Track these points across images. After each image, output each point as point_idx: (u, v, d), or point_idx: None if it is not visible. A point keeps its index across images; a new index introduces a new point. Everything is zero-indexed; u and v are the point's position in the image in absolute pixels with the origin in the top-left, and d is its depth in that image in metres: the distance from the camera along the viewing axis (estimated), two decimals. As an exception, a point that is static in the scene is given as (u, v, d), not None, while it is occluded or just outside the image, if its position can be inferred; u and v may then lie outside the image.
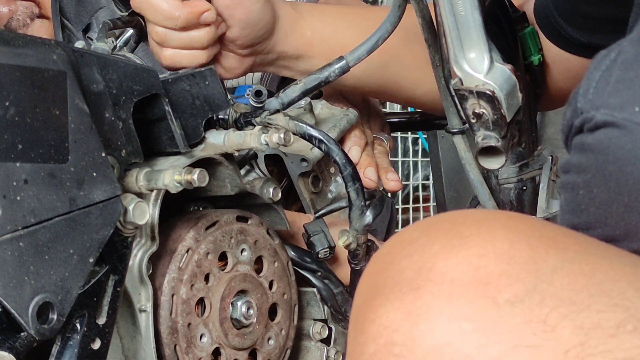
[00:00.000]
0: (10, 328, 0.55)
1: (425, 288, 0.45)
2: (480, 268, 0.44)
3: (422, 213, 2.79)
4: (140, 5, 0.82)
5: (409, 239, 0.49)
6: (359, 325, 0.47)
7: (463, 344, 0.42)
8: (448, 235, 0.47)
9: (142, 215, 0.63)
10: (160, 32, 0.82)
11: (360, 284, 0.51)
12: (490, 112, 0.77)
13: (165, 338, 0.70)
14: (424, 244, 0.48)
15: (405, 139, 2.83)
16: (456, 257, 0.46)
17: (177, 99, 0.73)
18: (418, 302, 0.44)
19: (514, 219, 0.48)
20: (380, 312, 0.46)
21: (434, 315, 0.44)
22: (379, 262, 0.50)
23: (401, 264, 0.48)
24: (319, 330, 0.87)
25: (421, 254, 0.47)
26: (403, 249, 0.49)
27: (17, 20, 1.07)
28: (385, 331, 0.45)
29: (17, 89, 0.54)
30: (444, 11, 0.77)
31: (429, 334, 0.43)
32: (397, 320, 0.45)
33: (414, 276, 0.46)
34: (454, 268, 0.45)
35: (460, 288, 0.44)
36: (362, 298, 0.49)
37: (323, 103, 0.99)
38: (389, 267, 0.48)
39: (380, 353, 0.45)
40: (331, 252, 0.84)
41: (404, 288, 0.46)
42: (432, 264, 0.46)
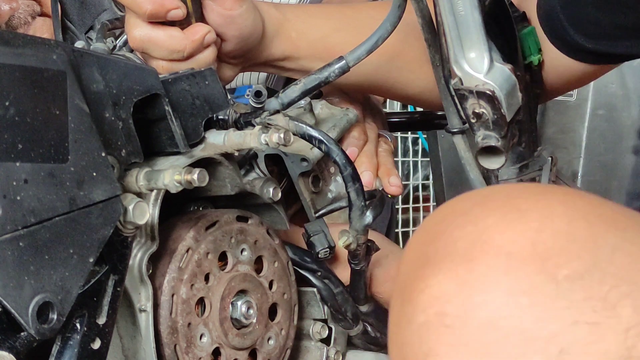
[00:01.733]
0: (10, 328, 0.55)
1: (481, 260, 0.44)
2: (539, 243, 0.43)
3: (422, 213, 2.79)
4: (142, 45, 0.81)
5: (461, 210, 0.48)
6: (406, 295, 0.46)
7: (520, 318, 0.41)
8: (504, 208, 0.46)
9: (142, 215, 0.63)
10: (166, 65, 0.81)
11: (407, 253, 0.50)
12: (490, 112, 0.77)
13: (165, 338, 0.70)
14: (478, 215, 0.46)
15: (405, 139, 2.83)
16: (513, 230, 0.44)
17: (177, 99, 0.73)
18: (473, 274, 0.43)
19: (571, 195, 0.47)
20: (432, 282, 0.45)
21: (490, 288, 0.43)
22: (429, 232, 0.49)
23: (454, 235, 0.46)
24: (319, 330, 0.87)
25: (475, 226, 0.46)
26: (455, 219, 0.47)
27: (18, 19, 1.07)
28: (436, 301, 0.44)
29: (17, 88, 0.54)
30: (444, 11, 0.77)
31: (484, 306, 0.42)
32: (449, 291, 0.44)
33: (468, 247, 0.45)
34: (511, 242, 0.44)
35: (518, 262, 0.43)
36: (410, 267, 0.48)
37: (323, 103, 0.99)
38: (440, 237, 0.47)
39: (430, 324, 0.44)
40: (331, 252, 0.84)
41: (457, 259, 0.45)
42: (487, 237, 0.45)
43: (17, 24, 1.05)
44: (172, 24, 0.81)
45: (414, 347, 0.44)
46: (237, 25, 0.84)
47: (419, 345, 0.44)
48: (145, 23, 0.80)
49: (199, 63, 0.82)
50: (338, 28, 0.93)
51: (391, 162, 1.01)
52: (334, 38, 0.92)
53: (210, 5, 0.82)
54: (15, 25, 1.04)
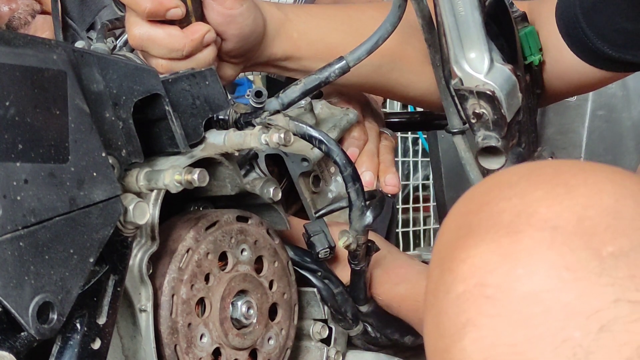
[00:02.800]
0: (10, 328, 0.55)
1: (526, 232, 0.43)
2: (585, 219, 0.43)
3: (422, 213, 2.79)
4: (141, 43, 0.81)
5: (507, 182, 0.47)
6: (446, 264, 0.46)
7: (563, 292, 0.41)
8: (552, 183, 0.46)
9: (142, 215, 0.63)
10: (166, 64, 0.82)
11: (448, 222, 0.49)
12: (491, 112, 0.77)
13: (166, 338, 0.70)
14: (525, 188, 0.46)
15: (405, 139, 2.83)
16: (560, 205, 0.44)
17: (178, 99, 0.73)
18: (517, 246, 0.43)
19: (619, 174, 0.46)
20: (473, 252, 0.44)
21: (533, 261, 0.42)
22: (473, 202, 0.48)
23: (499, 206, 0.46)
24: (319, 330, 0.87)
25: (522, 198, 0.45)
26: (501, 191, 0.47)
27: (18, 19, 1.06)
28: (477, 272, 0.44)
29: (17, 89, 0.54)
30: (444, 11, 0.77)
31: (526, 278, 0.42)
32: (492, 261, 0.43)
33: (513, 219, 0.44)
34: (558, 216, 0.43)
35: (563, 236, 0.42)
36: (451, 236, 0.47)
37: (323, 103, 0.99)
38: (484, 208, 0.46)
39: (470, 294, 0.43)
40: (331, 252, 0.84)
41: (502, 230, 0.44)
42: (533, 210, 0.44)
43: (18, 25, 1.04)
44: (172, 23, 0.81)
45: (451, 316, 0.44)
46: (238, 24, 0.84)
47: (456, 315, 0.44)
48: (145, 22, 0.80)
49: (198, 62, 0.82)
50: (339, 28, 0.93)
51: (390, 159, 1.01)
52: (336, 38, 0.92)
53: (210, 4, 0.82)
54: (16, 26, 1.04)
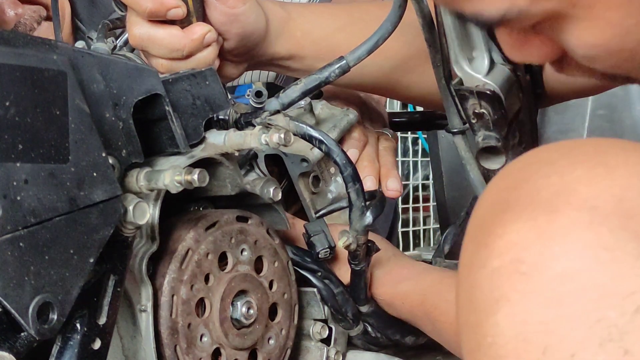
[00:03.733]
0: (10, 328, 0.55)
1: (564, 211, 0.43)
2: (625, 200, 0.42)
3: (422, 213, 2.79)
4: (141, 43, 0.81)
5: (547, 159, 0.47)
6: (481, 239, 0.45)
7: (598, 272, 0.41)
8: (592, 162, 0.45)
9: (143, 215, 0.63)
10: (166, 64, 0.82)
11: (485, 196, 0.49)
12: (491, 112, 0.77)
13: (166, 338, 0.70)
14: (565, 166, 0.45)
15: (405, 139, 2.83)
16: (600, 185, 0.43)
17: (178, 99, 0.73)
18: (554, 224, 0.43)
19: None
20: (510, 228, 0.44)
21: (570, 240, 0.42)
22: (510, 178, 0.48)
23: (537, 183, 0.45)
24: (319, 330, 0.87)
25: (561, 176, 0.45)
26: (540, 169, 0.46)
27: (24, 25, 1.06)
28: (513, 248, 0.43)
29: (17, 89, 0.54)
30: (444, 11, 0.77)
31: (562, 257, 0.42)
32: (528, 238, 0.43)
33: (551, 197, 0.44)
34: (597, 196, 0.43)
35: (602, 217, 0.42)
36: (488, 212, 0.47)
37: (323, 103, 0.99)
38: (523, 185, 0.46)
39: (504, 269, 0.43)
40: (331, 252, 0.84)
41: (539, 208, 0.44)
42: (572, 189, 0.44)
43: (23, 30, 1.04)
44: (173, 23, 0.81)
45: (484, 290, 0.44)
46: (240, 23, 0.84)
47: (490, 290, 0.44)
48: (146, 21, 0.80)
49: (199, 62, 0.82)
50: (343, 28, 0.93)
51: (392, 161, 1.01)
52: (339, 38, 0.92)
53: (212, 3, 0.82)
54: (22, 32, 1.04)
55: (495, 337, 0.43)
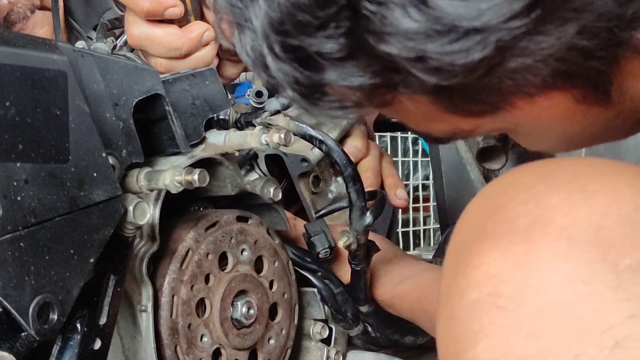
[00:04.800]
0: (10, 328, 0.55)
1: (541, 242, 0.42)
2: (603, 229, 0.42)
3: (422, 213, 2.79)
4: (140, 42, 0.81)
5: (524, 184, 0.46)
6: (460, 267, 0.45)
7: (577, 305, 0.40)
8: (569, 187, 0.44)
9: (143, 215, 0.63)
10: (165, 63, 0.82)
11: (463, 221, 0.48)
12: (491, 113, 0.77)
13: (166, 339, 0.70)
14: (542, 192, 0.44)
15: (405, 139, 2.83)
16: (577, 213, 0.42)
17: (178, 99, 0.73)
18: (532, 256, 0.42)
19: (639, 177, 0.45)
20: (488, 259, 0.43)
21: (548, 272, 0.41)
22: (489, 202, 0.47)
23: (514, 211, 0.44)
24: (319, 330, 0.87)
25: (538, 204, 0.44)
26: (517, 194, 0.45)
27: (17, 13, 1.05)
28: (491, 280, 0.43)
29: (18, 89, 0.54)
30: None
31: (541, 290, 0.41)
32: (506, 271, 0.42)
33: (528, 226, 0.43)
34: (574, 225, 0.42)
35: (579, 247, 0.41)
36: (466, 238, 0.46)
37: (323, 103, 0.98)
38: (500, 211, 0.45)
39: (482, 302, 0.43)
40: (331, 252, 0.84)
41: (516, 237, 0.43)
42: (549, 217, 0.43)
43: (16, 19, 1.03)
44: (171, 22, 0.81)
45: (463, 322, 0.43)
46: None
47: (469, 322, 0.43)
48: (144, 21, 0.80)
49: (197, 61, 0.82)
50: None
51: (396, 174, 1.02)
52: None
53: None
54: (14, 20, 1.03)
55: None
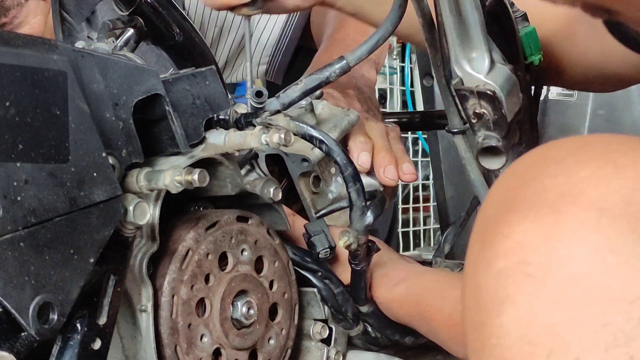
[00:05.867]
0: (10, 328, 0.55)
1: (571, 213, 0.43)
2: (633, 203, 0.42)
3: (422, 213, 2.79)
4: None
5: (554, 157, 0.46)
6: (487, 238, 0.45)
7: (606, 276, 0.41)
8: (600, 161, 0.44)
9: (143, 215, 0.63)
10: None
11: (492, 195, 0.48)
12: (491, 112, 0.77)
13: (166, 338, 0.70)
14: (572, 165, 0.45)
15: (405, 139, 2.83)
16: (608, 186, 0.43)
17: (178, 99, 0.73)
18: (561, 226, 0.42)
19: None
20: (517, 229, 0.44)
21: (577, 242, 0.42)
22: (518, 176, 0.47)
23: (544, 183, 0.45)
24: (319, 330, 0.87)
25: (568, 176, 0.44)
26: (547, 167, 0.46)
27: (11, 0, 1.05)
28: (519, 249, 0.43)
29: (18, 89, 0.54)
30: (445, 11, 0.77)
31: (569, 260, 0.41)
32: (534, 240, 0.43)
33: (558, 198, 0.44)
34: (604, 197, 0.42)
35: (609, 219, 0.42)
36: (494, 211, 0.46)
37: (324, 103, 0.99)
38: (530, 184, 0.46)
39: (510, 270, 0.43)
40: (331, 252, 0.84)
41: (546, 209, 0.43)
42: (579, 190, 0.43)
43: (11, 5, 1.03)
44: None
45: (490, 291, 0.44)
46: None
47: (495, 290, 0.43)
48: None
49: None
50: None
51: (402, 148, 1.00)
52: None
53: None
54: (8, 6, 1.02)
55: (500, 339, 0.43)
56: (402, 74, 3.00)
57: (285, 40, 1.37)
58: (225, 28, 1.35)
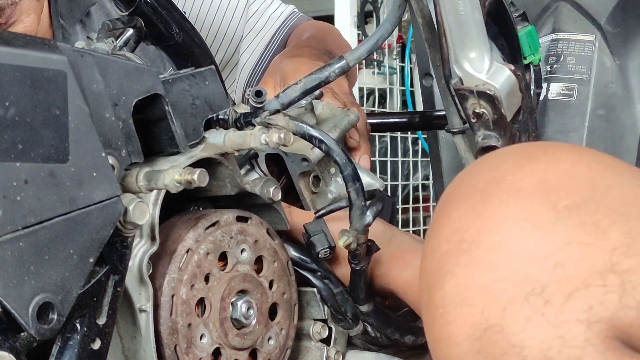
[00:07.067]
0: (10, 328, 0.55)
1: (495, 195, 0.51)
2: (545, 180, 0.51)
3: (422, 213, 2.79)
4: None
5: (483, 161, 0.57)
6: (434, 230, 0.54)
7: (523, 239, 0.49)
8: (518, 156, 0.54)
9: (142, 215, 0.63)
10: None
11: (439, 200, 0.57)
12: (491, 112, 0.77)
13: (166, 338, 0.70)
14: (496, 162, 0.55)
15: (405, 139, 2.83)
16: (524, 171, 0.52)
17: (177, 99, 0.73)
18: (487, 206, 0.51)
19: (578, 147, 0.56)
20: (454, 216, 0.52)
21: (499, 217, 0.50)
22: (455, 180, 0.57)
23: (475, 178, 0.54)
24: (319, 330, 0.87)
25: (493, 170, 0.54)
26: (477, 169, 0.56)
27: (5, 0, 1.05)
28: (456, 232, 0.51)
29: (17, 89, 0.54)
30: (444, 11, 0.77)
31: (494, 231, 0.50)
32: (468, 221, 0.51)
33: (485, 187, 0.52)
34: (521, 180, 0.51)
35: (525, 195, 0.50)
36: (438, 208, 0.55)
37: (324, 103, 0.99)
38: (464, 181, 0.55)
39: (451, 250, 0.51)
40: (331, 252, 0.84)
41: (477, 195, 0.52)
42: (502, 177, 0.52)
43: (4, 4, 1.03)
44: None
45: (435, 270, 0.52)
46: None
47: (439, 269, 0.51)
48: None
49: None
50: None
51: None
52: None
53: None
54: (3, 6, 1.02)
55: (444, 307, 0.50)
56: (402, 74, 3.01)
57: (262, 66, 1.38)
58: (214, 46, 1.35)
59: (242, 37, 1.39)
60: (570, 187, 0.50)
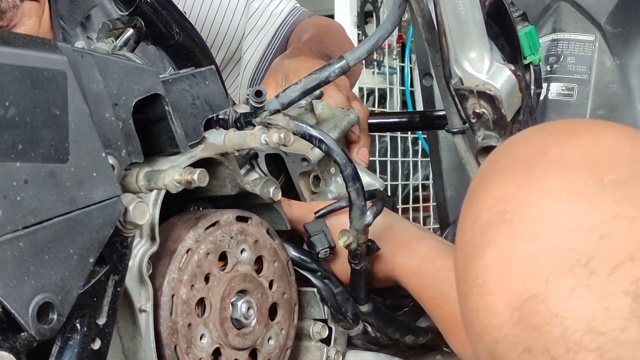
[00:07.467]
0: (10, 328, 0.55)
1: (539, 167, 0.51)
2: (589, 154, 0.51)
3: (422, 213, 2.79)
4: None
5: (524, 135, 0.57)
6: (473, 200, 0.54)
7: (568, 211, 0.48)
8: (562, 130, 0.54)
9: (142, 215, 0.63)
10: None
11: (478, 172, 0.57)
12: (491, 112, 0.77)
13: (166, 338, 0.70)
14: (539, 136, 0.55)
15: (405, 139, 2.83)
16: (568, 144, 0.52)
17: (177, 99, 0.73)
18: (532, 178, 0.51)
19: (619, 125, 0.56)
20: (496, 187, 0.52)
21: (544, 188, 0.50)
22: (496, 152, 0.57)
23: (518, 151, 0.54)
24: (319, 330, 0.87)
25: (536, 143, 0.54)
26: (519, 142, 0.56)
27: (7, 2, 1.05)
28: (499, 202, 0.51)
29: (17, 89, 0.54)
30: (444, 11, 0.77)
31: (538, 202, 0.49)
32: (510, 192, 0.51)
33: (528, 159, 0.52)
34: (566, 153, 0.51)
35: (570, 168, 0.50)
36: (478, 180, 0.55)
37: (324, 103, 0.99)
38: (505, 153, 0.55)
39: (493, 220, 0.51)
40: (331, 252, 0.84)
41: (519, 167, 0.52)
42: (546, 150, 0.52)
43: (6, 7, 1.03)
44: None
45: (474, 240, 0.52)
46: None
47: (480, 238, 0.51)
48: None
49: None
50: None
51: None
52: None
53: None
54: (4, 9, 1.02)
55: (484, 277, 0.50)
56: (402, 74, 3.01)
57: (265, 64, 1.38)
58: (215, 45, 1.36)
59: (243, 35, 1.39)
60: (615, 162, 0.50)
